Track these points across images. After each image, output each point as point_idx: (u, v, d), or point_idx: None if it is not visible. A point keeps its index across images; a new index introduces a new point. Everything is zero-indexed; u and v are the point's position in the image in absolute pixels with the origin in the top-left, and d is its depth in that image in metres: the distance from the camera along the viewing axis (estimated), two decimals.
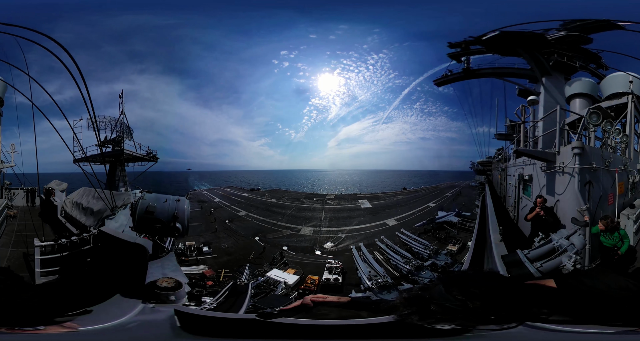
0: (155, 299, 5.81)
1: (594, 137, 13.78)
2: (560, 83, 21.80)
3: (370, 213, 36.52)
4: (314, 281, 19.52)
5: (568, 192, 10.83)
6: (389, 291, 17.63)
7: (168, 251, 9.05)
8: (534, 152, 13.37)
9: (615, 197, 11.86)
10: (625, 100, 19.33)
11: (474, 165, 49.99)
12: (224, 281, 19.27)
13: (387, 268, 21.57)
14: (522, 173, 16.06)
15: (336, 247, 26.39)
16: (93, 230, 10.81)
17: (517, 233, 11.75)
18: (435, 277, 4.64)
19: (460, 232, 27.14)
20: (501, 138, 30.70)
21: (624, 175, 13.48)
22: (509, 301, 3.23)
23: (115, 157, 31.09)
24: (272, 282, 19.35)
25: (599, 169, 11.13)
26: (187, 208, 8.34)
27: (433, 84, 29.47)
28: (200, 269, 20.59)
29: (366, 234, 28.99)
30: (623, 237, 8.60)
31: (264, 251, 24.55)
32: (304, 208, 38.82)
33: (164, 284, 6.10)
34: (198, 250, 23.59)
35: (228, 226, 30.66)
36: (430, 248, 22.86)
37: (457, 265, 20.76)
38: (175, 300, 5.93)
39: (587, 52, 22.07)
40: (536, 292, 3.46)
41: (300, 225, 31.60)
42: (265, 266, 21.92)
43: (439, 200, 40.29)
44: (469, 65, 25.12)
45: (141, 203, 8.13)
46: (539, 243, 6.80)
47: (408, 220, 32.24)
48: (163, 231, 8.18)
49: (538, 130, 18.50)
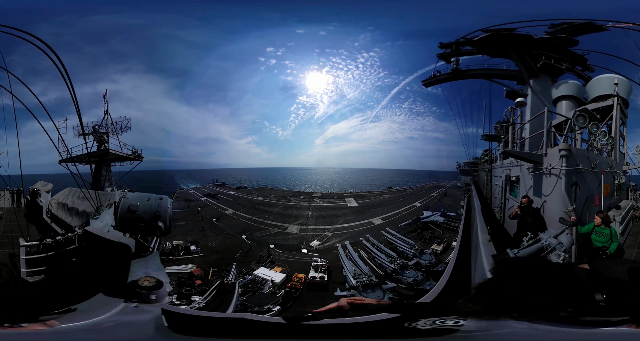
0: (137, 298, 5.77)
1: (580, 139, 13.96)
2: (547, 85, 22.02)
3: (357, 211, 36.61)
4: (300, 279, 19.52)
5: (555, 193, 10.93)
6: (373, 290, 17.71)
7: (152, 250, 8.99)
8: (521, 153, 13.47)
9: (601, 198, 12.01)
10: (611, 103, 19.59)
11: (460, 166, 50.37)
12: (212, 280, 19.27)
13: (372, 267, 21.67)
14: (509, 174, 16.18)
15: (322, 245, 26.41)
16: (78, 229, 10.69)
17: (504, 234, 11.85)
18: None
19: (446, 231, 27.38)
20: (488, 139, 31.02)
21: (609, 177, 13.66)
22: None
23: (101, 157, 30.91)
24: (260, 280, 19.31)
25: (586, 171, 11.26)
26: (170, 206, 8.23)
27: (422, 84, 29.46)
28: (189, 268, 20.58)
29: (352, 233, 29.08)
30: (613, 236, 8.76)
31: (249, 249, 24.46)
32: (290, 206, 38.79)
33: (145, 283, 6.02)
34: (186, 249, 23.51)
35: (215, 224, 30.48)
36: (415, 247, 23.02)
37: (440, 265, 20.93)
38: (156, 299, 5.83)
39: (573, 54, 22.34)
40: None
41: (287, 223, 31.56)
42: (253, 265, 21.86)
43: (425, 200, 40.57)
44: (458, 66, 25.23)
45: (123, 202, 8.01)
46: (528, 242, 6.87)
47: (394, 219, 32.41)
48: (145, 230, 8.06)
49: (525, 132, 18.67)
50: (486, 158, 30.52)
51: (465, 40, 22.63)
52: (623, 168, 18.58)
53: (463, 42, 23.01)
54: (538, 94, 21.72)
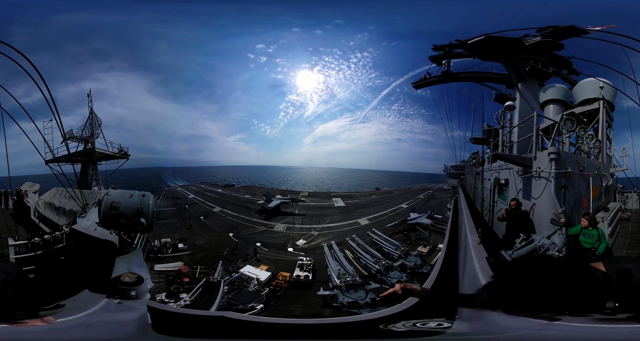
0: (119, 294, 5.80)
1: (568, 143, 14.09)
2: (534, 89, 22.25)
3: (344, 211, 36.55)
4: (285, 277, 19.43)
5: (544, 195, 11.05)
6: (356, 290, 17.68)
7: (136, 247, 9.03)
8: (511, 156, 13.58)
9: (589, 201, 12.14)
10: (597, 106, 19.81)
11: (448, 169, 50.61)
12: (200, 277, 19.32)
13: (356, 267, 21.65)
14: (498, 178, 16.26)
15: (308, 244, 26.31)
16: (65, 228, 11.05)
17: (493, 236, 11.88)
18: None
19: (432, 233, 27.45)
20: (477, 143, 31.05)
21: (597, 179, 13.84)
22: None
23: (87, 156, 30.86)
24: (245, 279, 19.20)
25: (574, 173, 11.39)
26: (152, 203, 8.16)
27: (412, 86, 29.44)
28: (177, 266, 20.57)
29: (338, 232, 29.01)
30: (601, 237, 8.89)
31: (236, 247, 24.29)
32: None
33: (126, 279, 6.04)
34: (173, 246, 23.45)
35: (203, 222, 30.26)
36: (401, 248, 23.03)
37: (426, 267, 20.93)
38: (135, 295, 5.85)
39: (559, 58, 22.58)
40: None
41: (274, 222, 31.41)
42: (239, 263, 21.72)
43: (412, 202, 40.64)
44: (449, 69, 25.30)
45: (106, 199, 7.92)
46: (521, 243, 6.88)
47: (380, 220, 32.42)
48: (128, 226, 7.98)
49: (513, 135, 18.80)
50: (474, 161, 30.63)
51: (459, 43, 22.70)
52: (610, 170, 18.82)
53: (456, 44, 23.08)
54: (526, 98, 21.94)
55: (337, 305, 16.75)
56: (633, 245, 12.55)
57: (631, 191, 22.17)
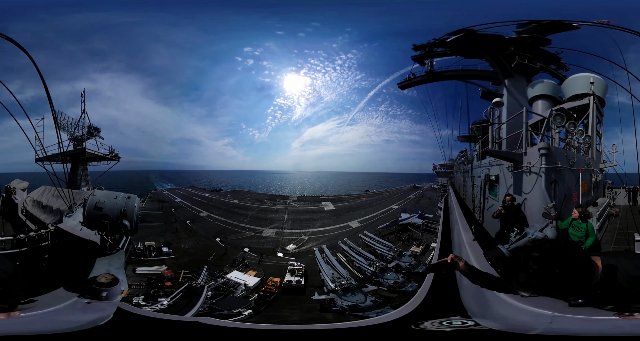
0: (90, 294, 5.85)
1: (557, 138, 14.00)
2: (522, 85, 22.20)
3: (334, 215, 36.36)
4: (276, 283, 19.07)
5: (535, 190, 10.99)
6: (353, 293, 17.42)
7: (120, 249, 8.87)
8: (502, 152, 13.45)
9: (579, 195, 12.10)
10: (587, 101, 19.76)
11: (437, 168, 50.75)
12: (183, 282, 18.95)
13: (350, 270, 21.36)
14: (488, 174, 16.12)
15: (299, 249, 25.99)
16: (51, 227, 11.26)
17: (485, 233, 11.72)
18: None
19: (424, 233, 27.35)
20: (464, 141, 30.99)
21: (587, 175, 13.81)
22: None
23: (77, 156, 31.07)
24: (232, 284, 18.78)
25: (564, 169, 11.36)
26: (137, 206, 8.14)
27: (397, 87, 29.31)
28: (160, 269, 20.17)
29: (329, 236, 28.77)
30: (590, 231, 8.77)
31: (225, 253, 23.91)
32: (266, 209, 38.31)
33: (102, 280, 6.10)
34: (157, 250, 23.02)
35: (189, 226, 29.78)
36: (394, 249, 22.83)
37: (421, 266, 20.74)
38: (106, 296, 5.89)
39: (547, 54, 22.54)
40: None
41: (263, 227, 31.05)
42: (226, 268, 21.31)
43: (402, 202, 40.63)
44: (433, 68, 25.18)
45: (91, 199, 7.97)
46: (515, 237, 6.73)
47: (371, 222, 32.25)
48: (111, 227, 7.89)
49: (502, 132, 18.68)
50: (462, 159, 30.58)
51: (438, 42, 22.56)
52: (600, 166, 18.79)
53: (436, 43, 22.93)
54: (514, 94, 21.88)
55: (336, 309, 16.45)
56: (620, 240, 12.49)
57: (620, 187, 22.22)
